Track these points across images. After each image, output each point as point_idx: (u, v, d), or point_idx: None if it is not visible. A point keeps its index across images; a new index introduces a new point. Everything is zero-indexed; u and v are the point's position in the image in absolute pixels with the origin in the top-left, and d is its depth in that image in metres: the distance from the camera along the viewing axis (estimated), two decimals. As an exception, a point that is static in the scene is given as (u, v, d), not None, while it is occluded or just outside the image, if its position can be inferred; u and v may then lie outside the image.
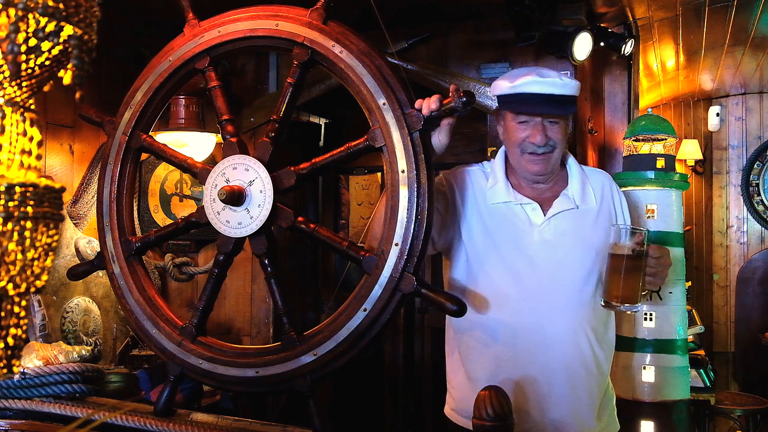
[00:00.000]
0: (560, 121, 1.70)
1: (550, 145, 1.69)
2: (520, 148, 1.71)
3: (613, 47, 3.08)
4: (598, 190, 1.79)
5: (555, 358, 1.68)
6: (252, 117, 3.41)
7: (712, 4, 3.12)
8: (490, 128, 3.22)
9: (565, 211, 1.73)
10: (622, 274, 1.58)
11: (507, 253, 1.71)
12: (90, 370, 1.84)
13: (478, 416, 1.29)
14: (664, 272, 1.65)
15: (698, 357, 3.63)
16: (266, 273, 1.54)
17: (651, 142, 3.35)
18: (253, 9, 1.57)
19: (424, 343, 4.46)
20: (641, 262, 1.58)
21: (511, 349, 1.69)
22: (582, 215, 1.74)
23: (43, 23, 0.65)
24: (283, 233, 2.29)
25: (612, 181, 1.86)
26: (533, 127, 1.68)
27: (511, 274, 1.70)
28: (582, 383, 1.69)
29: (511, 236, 1.72)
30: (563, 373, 1.67)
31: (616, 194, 1.83)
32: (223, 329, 3.46)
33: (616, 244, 1.60)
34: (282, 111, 1.53)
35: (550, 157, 1.71)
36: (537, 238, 1.71)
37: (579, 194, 1.76)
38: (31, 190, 0.67)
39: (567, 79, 1.69)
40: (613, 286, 1.61)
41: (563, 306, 1.69)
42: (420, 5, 3.04)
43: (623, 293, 1.59)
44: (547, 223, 1.72)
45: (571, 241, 1.71)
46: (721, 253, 5.21)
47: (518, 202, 1.73)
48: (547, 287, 1.69)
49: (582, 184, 1.78)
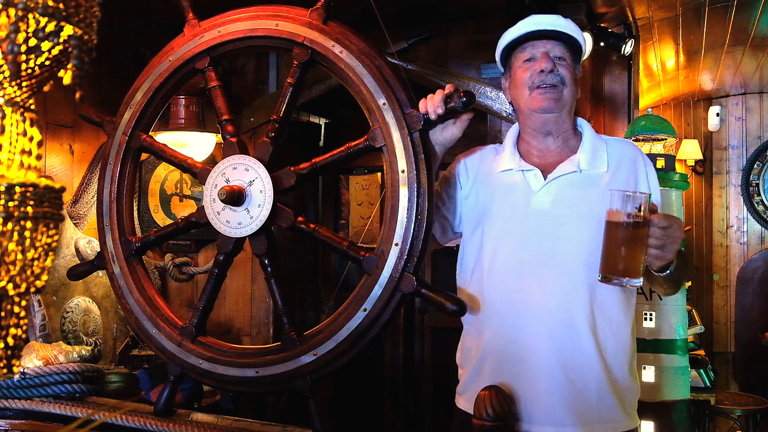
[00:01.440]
0: (567, 59, 1.60)
1: (559, 75, 1.58)
2: (528, 86, 1.61)
3: (613, 47, 3.08)
4: (614, 157, 1.63)
5: (544, 345, 1.53)
6: (252, 117, 3.41)
7: (712, 4, 3.12)
8: (490, 128, 3.22)
9: (567, 174, 1.59)
10: (620, 245, 1.42)
11: (503, 224, 1.61)
12: (90, 370, 1.84)
13: (478, 416, 1.29)
14: (673, 245, 1.42)
15: (698, 357, 3.63)
16: (266, 273, 1.54)
17: (651, 142, 3.36)
18: (253, 9, 1.57)
19: (424, 343, 4.46)
20: (643, 231, 1.40)
21: (498, 332, 1.59)
22: (587, 181, 1.58)
23: (43, 23, 0.65)
24: (283, 233, 2.30)
25: (639, 152, 1.67)
26: (539, 59, 1.59)
27: (506, 248, 1.60)
28: (576, 374, 1.53)
29: (508, 205, 1.62)
30: (554, 362, 1.53)
31: (642, 166, 1.64)
32: (223, 329, 3.46)
33: (613, 211, 1.42)
34: (282, 111, 1.53)
35: (559, 90, 1.58)
36: (534, 206, 1.58)
37: (587, 158, 1.60)
38: (31, 190, 0.67)
39: (572, 22, 1.63)
40: (609, 257, 1.43)
41: (561, 284, 1.54)
42: (420, 5, 3.05)
43: (622, 265, 1.42)
44: (546, 189, 1.58)
45: (571, 209, 1.57)
46: (721, 253, 5.21)
47: (519, 169, 1.63)
48: (542, 262, 1.55)
49: (593, 149, 1.62)
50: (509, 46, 1.66)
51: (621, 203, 1.40)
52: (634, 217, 1.39)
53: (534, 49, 1.61)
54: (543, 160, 1.65)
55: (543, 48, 1.60)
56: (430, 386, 4.42)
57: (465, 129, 1.60)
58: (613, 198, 1.42)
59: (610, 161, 1.62)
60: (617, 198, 1.41)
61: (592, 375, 1.54)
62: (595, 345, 1.54)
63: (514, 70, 1.66)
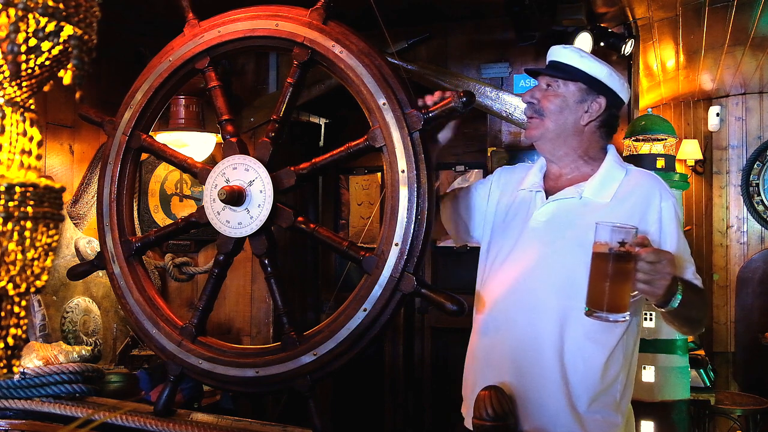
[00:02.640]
0: (555, 87, 1.65)
1: (534, 107, 1.65)
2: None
3: (613, 47, 3.08)
4: (625, 189, 1.60)
5: (506, 364, 1.58)
6: (252, 117, 3.41)
7: (712, 4, 3.12)
8: (490, 128, 3.22)
9: (566, 199, 1.62)
10: (606, 278, 1.38)
11: (504, 237, 1.69)
12: (90, 370, 1.84)
13: (478, 416, 1.29)
14: (661, 281, 1.37)
15: (698, 357, 3.63)
16: (266, 273, 1.54)
17: (651, 142, 3.36)
18: (253, 9, 1.57)
19: (424, 343, 4.46)
20: (629, 265, 1.36)
21: (489, 349, 1.64)
22: (584, 208, 1.58)
23: (43, 23, 0.65)
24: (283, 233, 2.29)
25: (658, 187, 1.61)
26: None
27: (501, 260, 1.67)
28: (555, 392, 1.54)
29: (513, 221, 1.69)
30: (532, 382, 1.55)
31: (656, 201, 1.58)
32: (223, 329, 3.46)
33: (599, 243, 1.38)
34: (282, 111, 1.53)
35: (536, 122, 1.65)
36: (532, 224, 1.64)
37: (594, 187, 1.60)
38: (31, 190, 0.67)
39: (572, 49, 1.66)
40: (594, 291, 1.40)
41: (535, 303, 1.57)
42: (420, 5, 3.05)
43: (606, 299, 1.38)
44: (544, 209, 1.63)
45: (560, 232, 1.59)
46: (721, 253, 5.21)
47: (530, 189, 1.70)
48: (524, 279, 1.60)
49: (605, 178, 1.62)
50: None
51: (607, 235, 1.37)
52: (618, 251, 1.35)
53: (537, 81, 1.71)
54: (555, 183, 1.70)
55: (539, 80, 1.69)
56: (430, 386, 4.42)
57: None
58: (598, 230, 1.38)
59: (618, 192, 1.59)
60: (602, 230, 1.38)
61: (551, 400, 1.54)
62: (560, 370, 1.55)
63: None
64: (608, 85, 1.64)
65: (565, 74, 1.64)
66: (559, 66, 1.66)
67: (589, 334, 1.54)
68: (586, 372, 1.55)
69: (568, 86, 1.64)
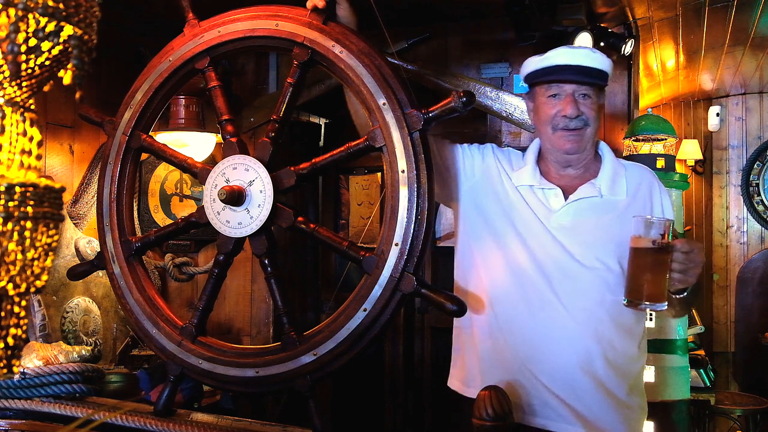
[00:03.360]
0: (592, 95, 1.64)
1: (582, 119, 1.62)
2: (551, 125, 1.65)
3: (613, 47, 3.08)
4: (633, 184, 1.68)
5: (553, 361, 1.59)
6: (252, 117, 3.41)
7: (712, 4, 3.12)
8: (490, 128, 3.22)
9: (588, 198, 1.65)
10: (645, 270, 1.46)
11: (524, 236, 1.65)
12: (90, 370, 1.84)
13: (478, 416, 1.29)
14: (695, 270, 1.47)
15: (698, 357, 3.63)
16: (266, 273, 1.54)
17: (651, 142, 3.36)
18: (253, 9, 1.57)
19: (424, 343, 4.46)
20: (666, 256, 1.45)
21: (509, 342, 1.64)
22: (606, 206, 1.64)
23: (43, 23, 0.65)
24: (283, 233, 2.29)
25: (654, 178, 1.74)
26: (564, 100, 1.63)
27: (527, 257, 1.64)
28: (582, 393, 1.58)
29: (529, 220, 1.66)
30: (561, 380, 1.58)
31: (657, 192, 1.71)
32: (223, 329, 3.46)
33: (638, 237, 1.47)
34: (282, 111, 1.53)
35: (582, 133, 1.64)
36: (554, 224, 1.64)
37: (608, 184, 1.66)
38: (31, 190, 0.67)
39: (599, 53, 1.64)
40: (635, 282, 1.48)
41: (574, 301, 1.59)
42: (420, 5, 3.04)
43: (647, 290, 1.46)
44: (566, 209, 1.64)
45: (589, 230, 1.62)
46: (721, 253, 5.21)
47: (541, 187, 1.68)
48: (558, 279, 1.61)
49: (613, 175, 1.68)
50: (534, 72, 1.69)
51: (645, 229, 1.45)
52: (658, 243, 1.43)
53: (559, 88, 1.64)
54: (562, 181, 1.70)
55: (569, 88, 1.63)
56: (430, 386, 4.42)
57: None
58: (637, 224, 1.47)
59: (629, 188, 1.67)
60: (641, 224, 1.46)
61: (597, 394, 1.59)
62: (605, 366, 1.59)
63: (538, 101, 1.70)
64: (610, 77, 1.68)
65: (597, 80, 1.64)
66: (590, 71, 1.63)
67: (623, 326, 1.62)
68: (624, 364, 1.62)
69: (597, 91, 1.66)
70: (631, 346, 1.64)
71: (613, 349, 1.60)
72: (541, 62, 1.66)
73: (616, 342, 1.61)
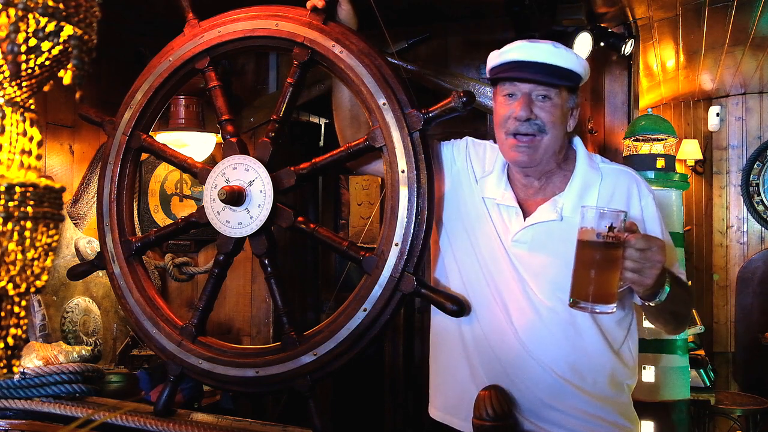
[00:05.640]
0: (553, 97, 1.43)
1: (536, 123, 1.42)
2: (504, 129, 1.47)
3: (613, 47, 3.08)
4: (605, 196, 1.48)
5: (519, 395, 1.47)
6: (252, 117, 3.41)
7: (712, 4, 3.12)
8: (490, 128, 3.21)
9: (546, 222, 1.47)
10: (591, 267, 1.27)
11: (485, 258, 1.51)
12: (90, 370, 1.84)
13: (478, 416, 1.29)
14: (651, 269, 1.27)
15: (698, 357, 3.63)
16: (266, 273, 1.54)
17: (651, 142, 3.36)
18: (253, 9, 1.57)
19: (424, 343, 4.45)
20: (617, 252, 1.26)
21: (479, 363, 1.53)
22: (567, 230, 1.39)
23: (43, 23, 0.65)
24: (283, 233, 2.30)
25: (634, 180, 1.52)
26: (518, 100, 1.43)
27: (486, 284, 1.51)
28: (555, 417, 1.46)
29: (491, 241, 1.51)
30: (529, 410, 1.47)
31: (635, 195, 1.50)
32: (223, 329, 3.46)
33: (585, 229, 1.27)
34: (282, 111, 1.53)
35: (536, 143, 1.44)
36: (512, 250, 1.48)
37: (572, 202, 1.46)
38: (31, 190, 0.67)
39: (565, 49, 1.45)
40: (579, 280, 1.29)
41: (533, 338, 1.45)
42: (420, 5, 3.04)
43: (593, 289, 1.27)
44: (522, 234, 1.48)
45: (546, 261, 1.45)
46: (721, 253, 5.21)
47: (503, 202, 1.52)
48: (517, 314, 1.47)
49: (582, 189, 1.48)
50: (494, 69, 1.52)
51: (593, 221, 1.26)
52: (606, 237, 1.25)
53: (515, 87, 1.46)
54: (526, 193, 1.54)
55: (526, 87, 1.44)
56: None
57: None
58: (584, 215, 1.28)
59: (601, 200, 1.47)
60: (590, 215, 1.27)
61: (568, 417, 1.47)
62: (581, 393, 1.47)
63: (496, 100, 1.53)
64: (583, 79, 1.49)
65: (561, 80, 1.44)
66: (552, 70, 1.43)
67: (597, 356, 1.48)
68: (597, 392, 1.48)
69: (561, 92, 1.46)
70: (606, 372, 1.48)
71: (581, 378, 1.46)
72: (498, 57, 1.49)
73: (585, 372, 1.46)
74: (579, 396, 1.46)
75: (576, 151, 1.55)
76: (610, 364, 1.49)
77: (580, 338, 1.46)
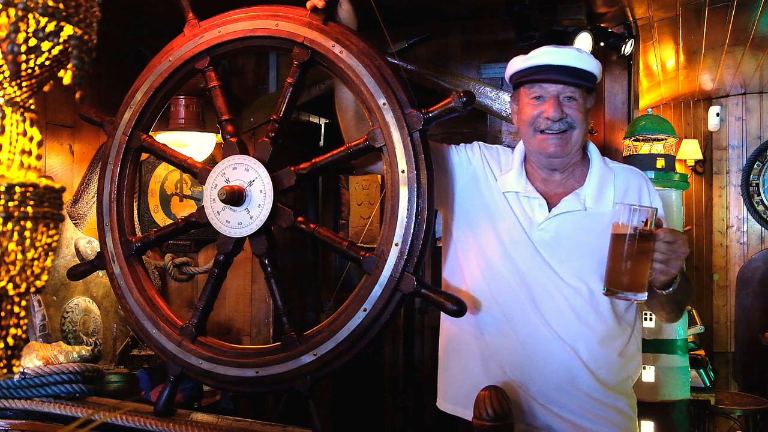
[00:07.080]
0: (578, 98, 1.58)
1: (567, 121, 1.57)
2: (533, 126, 1.60)
3: (613, 47, 3.08)
4: (620, 191, 1.63)
5: (536, 376, 1.56)
6: (252, 117, 3.41)
7: (712, 4, 3.12)
8: (490, 128, 3.22)
9: (571, 212, 1.60)
10: (626, 258, 1.41)
11: (508, 247, 1.61)
12: (90, 370, 1.84)
13: (478, 416, 1.29)
14: (677, 260, 1.41)
15: (698, 357, 3.63)
16: (266, 273, 1.54)
17: (651, 142, 3.36)
18: (253, 9, 1.57)
19: (424, 343, 4.46)
20: (648, 245, 1.41)
21: (495, 353, 1.61)
22: (590, 220, 1.58)
23: (43, 23, 0.65)
24: (283, 233, 2.30)
25: (643, 179, 1.68)
26: (548, 102, 1.57)
27: (510, 269, 1.60)
28: (568, 404, 1.56)
29: (513, 230, 1.61)
30: (544, 393, 1.56)
31: (646, 193, 1.65)
32: (223, 329, 3.46)
33: (619, 224, 1.42)
34: (282, 111, 1.53)
35: (567, 137, 1.58)
36: (536, 238, 1.59)
37: (593, 194, 1.61)
38: (31, 190, 0.67)
39: (586, 53, 1.59)
40: (614, 271, 1.44)
41: (556, 318, 1.56)
42: (420, 5, 3.04)
43: (627, 279, 1.42)
44: (548, 223, 1.60)
45: (571, 246, 1.58)
46: (721, 253, 5.21)
47: (526, 195, 1.63)
48: (540, 295, 1.58)
49: (600, 183, 1.62)
50: (518, 73, 1.64)
51: (627, 216, 1.41)
52: (639, 231, 1.40)
53: (543, 89, 1.59)
54: (547, 187, 1.66)
55: (553, 89, 1.58)
56: (430, 386, 4.42)
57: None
58: (619, 211, 1.43)
59: (617, 196, 1.61)
60: (624, 211, 1.42)
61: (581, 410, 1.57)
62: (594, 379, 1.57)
63: (521, 102, 1.64)
64: (598, 80, 1.63)
65: (584, 81, 1.58)
66: (576, 72, 1.57)
67: (608, 339, 1.59)
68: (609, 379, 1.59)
69: (583, 93, 1.60)
70: (617, 358, 1.60)
71: (596, 362, 1.57)
72: (525, 62, 1.61)
73: (600, 356, 1.57)
74: (590, 380, 1.57)
75: (589, 150, 1.70)
76: (622, 349, 1.61)
77: (601, 321, 1.57)
